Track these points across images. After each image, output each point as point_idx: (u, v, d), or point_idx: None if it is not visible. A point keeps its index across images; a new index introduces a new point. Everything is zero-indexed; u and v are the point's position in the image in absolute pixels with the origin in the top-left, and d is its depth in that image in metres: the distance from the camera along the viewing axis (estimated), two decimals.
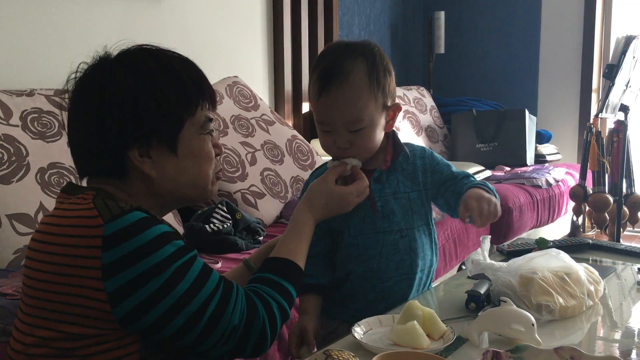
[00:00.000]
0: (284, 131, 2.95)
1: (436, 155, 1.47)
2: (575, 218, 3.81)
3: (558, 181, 3.68)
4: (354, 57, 1.33)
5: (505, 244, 1.77)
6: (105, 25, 2.51)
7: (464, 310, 1.30)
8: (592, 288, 1.32)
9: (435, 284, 1.52)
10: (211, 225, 2.18)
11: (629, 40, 3.29)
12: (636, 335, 1.23)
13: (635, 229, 3.93)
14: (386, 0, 4.43)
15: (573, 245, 1.72)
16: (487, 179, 3.51)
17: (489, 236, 1.39)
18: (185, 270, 1.01)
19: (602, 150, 3.47)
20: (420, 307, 1.16)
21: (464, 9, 4.73)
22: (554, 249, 1.39)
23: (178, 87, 1.08)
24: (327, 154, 1.40)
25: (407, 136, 3.89)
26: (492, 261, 1.34)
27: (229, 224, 2.21)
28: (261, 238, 2.31)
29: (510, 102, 4.52)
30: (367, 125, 1.33)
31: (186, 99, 1.09)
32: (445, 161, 1.48)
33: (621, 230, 3.48)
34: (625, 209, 3.49)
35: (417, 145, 1.49)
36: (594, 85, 4.40)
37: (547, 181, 3.56)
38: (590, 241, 1.78)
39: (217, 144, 1.17)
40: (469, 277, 1.46)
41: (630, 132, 3.47)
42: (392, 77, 1.37)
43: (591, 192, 3.52)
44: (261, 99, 3.03)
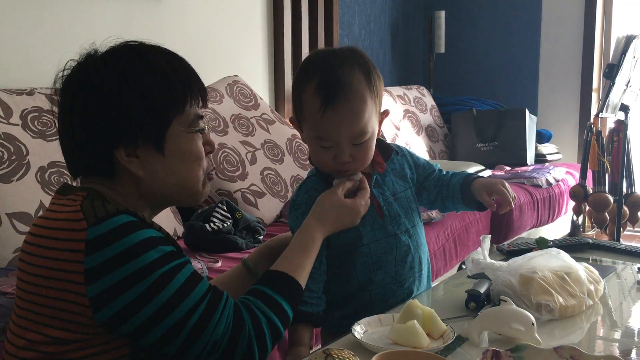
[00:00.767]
0: (284, 130, 2.95)
1: (411, 151, 1.49)
2: (575, 218, 3.80)
3: (558, 181, 3.68)
4: (349, 65, 1.26)
5: (505, 243, 1.77)
6: (106, 24, 2.51)
7: (463, 309, 1.30)
8: (592, 287, 1.32)
9: (435, 284, 1.52)
10: (211, 224, 2.18)
11: (629, 39, 3.28)
12: (636, 335, 1.23)
13: (635, 229, 3.92)
14: None
15: (573, 245, 1.72)
16: None
17: (489, 235, 1.39)
18: (169, 278, 0.98)
19: (602, 150, 3.47)
20: (420, 307, 1.16)
21: (464, 8, 4.73)
22: (554, 249, 1.39)
23: (163, 84, 1.06)
24: (321, 168, 1.34)
25: (408, 135, 3.90)
26: (492, 260, 1.34)
27: (229, 223, 2.21)
28: (261, 237, 2.31)
29: (510, 101, 4.52)
30: (370, 137, 1.29)
31: (172, 96, 1.07)
32: (418, 155, 1.50)
33: (621, 229, 3.48)
34: (626, 208, 3.49)
35: (392, 144, 1.47)
36: (595, 84, 4.40)
37: (547, 181, 3.56)
38: (590, 241, 1.78)
39: (209, 142, 1.14)
40: (468, 277, 1.46)
41: (631, 132, 3.47)
42: (382, 81, 1.33)
43: (591, 191, 3.52)
44: (261, 98, 3.03)
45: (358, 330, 1.16)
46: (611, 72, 3.29)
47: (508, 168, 3.86)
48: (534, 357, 1.03)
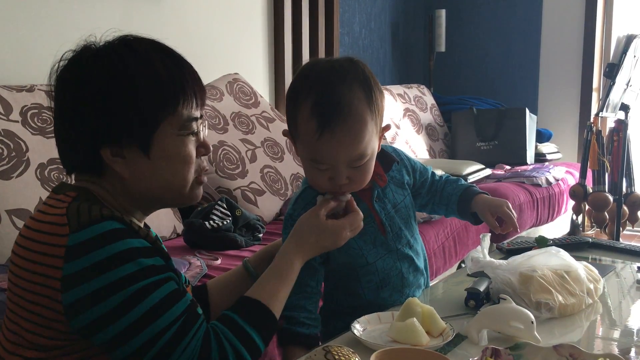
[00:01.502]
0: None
1: (407, 154, 1.46)
2: (575, 217, 3.80)
3: (558, 180, 3.68)
4: (348, 82, 1.16)
5: (504, 242, 1.77)
6: (106, 21, 2.51)
7: (463, 307, 1.30)
8: (591, 286, 1.32)
9: (435, 282, 1.53)
10: (211, 221, 2.18)
11: (629, 39, 3.28)
12: (635, 334, 1.23)
13: (635, 228, 3.93)
14: None
15: (573, 244, 1.73)
16: (487, 177, 3.51)
17: (489, 234, 1.39)
18: (144, 295, 0.95)
19: (602, 149, 3.46)
20: (419, 305, 1.16)
21: (464, 7, 4.73)
22: (553, 247, 1.39)
23: (154, 85, 1.02)
24: (314, 187, 1.27)
25: (407, 134, 3.89)
26: (492, 259, 1.34)
27: (228, 221, 2.21)
28: (261, 235, 2.31)
29: (510, 100, 4.52)
30: (369, 158, 1.21)
31: (162, 98, 1.03)
32: (413, 158, 1.47)
33: (621, 229, 3.48)
34: (625, 208, 3.49)
35: (388, 146, 1.41)
36: (595, 84, 4.40)
37: (547, 180, 3.56)
38: (590, 240, 1.78)
39: (204, 144, 1.10)
40: (468, 275, 1.46)
41: (631, 132, 3.47)
42: (383, 96, 1.24)
43: (591, 191, 3.52)
44: (261, 96, 3.03)
45: (357, 328, 1.16)
46: (611, 71, 3.29)
47: (508, 167, 3.86)
48: (533, 355, 1.03)
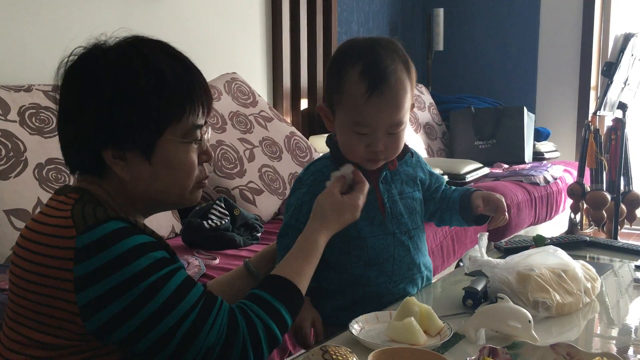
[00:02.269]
0: (283, 128, 2.95)
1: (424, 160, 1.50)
2: (573, 215, 3.81)
3: (556, 179, 3.68)
4: (390, 54, 1.27)
5: (502, 241, 1.77)
6: (104, 20, 2.51)
7: (461, 306, 1.30)
8: (589, 285, 1.32)
9: (433, 281, 1.52)
10: (209, 221, 2.18)
11: (627, 37, 3.29)
12: (633, 332, 1.23)
13: (633, 227, 3.93)
14: None
15: (570, 243, 1.73)
16: (485, 176, 3.51)
17: (487, 233, 1.39)
18: (160, 285, 0.96)
19: (600, 148, 3.47)
20: (417, 304, 1.16)
21: (463, 6, 4.73)
22: (551, 246, 1.39)
23: (161, 92, 1.01)
24: (349, 156, 1.32)
25: (406, 133, 3.89)
26: (490, 258, 1.34)
27: (227, 220, 2.21)
28: (259, 234, 2.31)
29: (508, 99, 4.52)
30: (404, 127, 1.30)
31: (169, 106, 1.02)
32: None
33: (618, 227, 3.48)
34: (623, 206, 3.50)
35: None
36: (593, 82, 4.41)
37: (545, 179, 3.57)
38: (588, 238, 1.78)
39: (206, 151, 1.10)
40: (466, 274, 1.46)
41: (628, 130, 3.47)
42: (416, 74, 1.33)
43: (589, 189, 3.52)
44: (259, 96, 3.03)
45: (355, 327, 1.16)
46: (609, 70, 3.30)
47: (506, 166, 3.86)
48: (530, 354, 1.03)
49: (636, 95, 3.51)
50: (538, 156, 4.14)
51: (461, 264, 1.58)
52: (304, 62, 3.55)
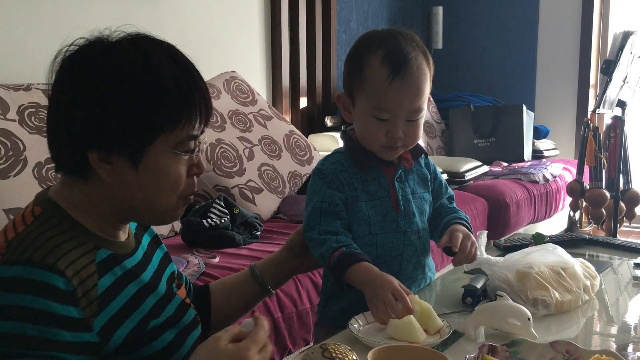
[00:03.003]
0: (282, 126, 2.95)
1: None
2: (572, 213, 3.81)
3: (555, 177, 3.69)
4: (409, 42, 1.30)
5: (502, 239, 1.77)
6: (103, 19, 2.49)
7: (460, 304, 1.31)
8: (588, 283, 1.33)
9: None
10: (209, 220, 2.18)
11: (626, 35, 3.29)
12: (632, 330, 1.23)
13: (632, 225, 3.94)
14: None
15: (569, 241, 1.73)
16: (485, 174, 3.52)
17: (486, 231, 1.39)
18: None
19: (599, 146, 3.47)
20: (416, 302, 1.16)
21: (462, 4, 4.73)
22: (550, 244, 1.39)
23: (159, 100, 0.95)
24: (367, 145, 1.32)
25: None
26: (489, 256, 1.35)
27: (226, 219, 2.21)
28: (259, 233, 2.31)
29: (507, 97, 4.52)
30: (422, 115, 1.31)
31: (164, 113, 0.96)
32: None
33: (618, 225, 3.49)
34: (622, 204, 3.50)
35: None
36: (592, 80, 4.41)
37: (544, 177, 3.57)
38: (587, 236, 1.78)
39: (198, 164, 1.03)
40: (465, 272, 1.46)
41: (627, 128, 3.47)
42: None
43: (588, 187, 3.52)
44: (259, 94, 3.03)
45: (355, 325, 1.16)
46: (608, 68, 3.30)
47: (505, 164, 3.87)
48: (530, 352, 1.03)
49: (635, 93, 3.52)
50: (537, 154, 4.15)
51: None
52: (303, 61, 3.54)
